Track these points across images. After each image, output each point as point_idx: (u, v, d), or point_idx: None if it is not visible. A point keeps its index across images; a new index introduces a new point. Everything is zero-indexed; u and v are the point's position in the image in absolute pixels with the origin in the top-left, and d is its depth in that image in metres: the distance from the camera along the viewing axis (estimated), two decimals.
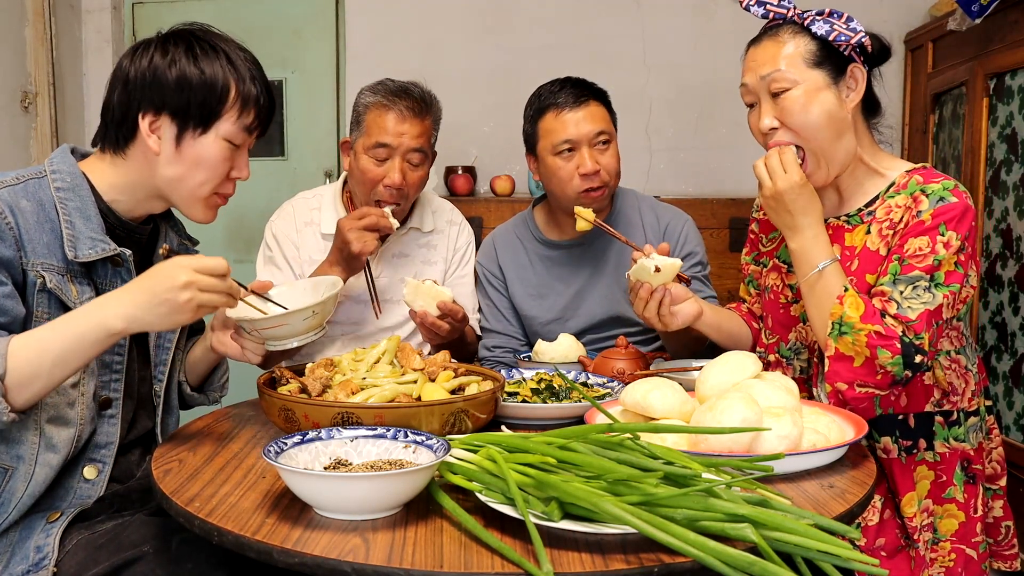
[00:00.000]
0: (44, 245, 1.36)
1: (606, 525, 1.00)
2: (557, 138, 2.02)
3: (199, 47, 1.43)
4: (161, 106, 1.40)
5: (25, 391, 1.25)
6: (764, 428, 1.21)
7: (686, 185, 3.66)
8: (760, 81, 1.57)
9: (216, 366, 1.64)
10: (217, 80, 1.41)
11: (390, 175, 1.99)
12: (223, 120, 1.42)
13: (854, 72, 1.56)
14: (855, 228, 1.61)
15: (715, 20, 3.64)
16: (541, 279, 2.18)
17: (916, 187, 1.56)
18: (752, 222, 1.88)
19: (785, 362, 1.73)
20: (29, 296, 1.34)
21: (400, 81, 2.05)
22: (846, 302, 1.49)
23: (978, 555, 1.60)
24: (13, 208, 1.34)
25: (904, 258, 1.51)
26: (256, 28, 3.76)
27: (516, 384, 1.64)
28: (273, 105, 1.51)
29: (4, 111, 3.39)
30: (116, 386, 1.45)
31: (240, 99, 1.43)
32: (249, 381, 1.63)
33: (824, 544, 0.95)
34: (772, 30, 1.60)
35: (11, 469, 1.34)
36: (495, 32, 3.69)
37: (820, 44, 1.55)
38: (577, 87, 2.05)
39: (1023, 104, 2.45)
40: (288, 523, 1.05)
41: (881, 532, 1.55)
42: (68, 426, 1.37)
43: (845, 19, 1.54)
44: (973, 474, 1.62)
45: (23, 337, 1.26)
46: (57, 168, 1.42)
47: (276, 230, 2.15)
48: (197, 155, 1.42)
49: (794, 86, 1.54)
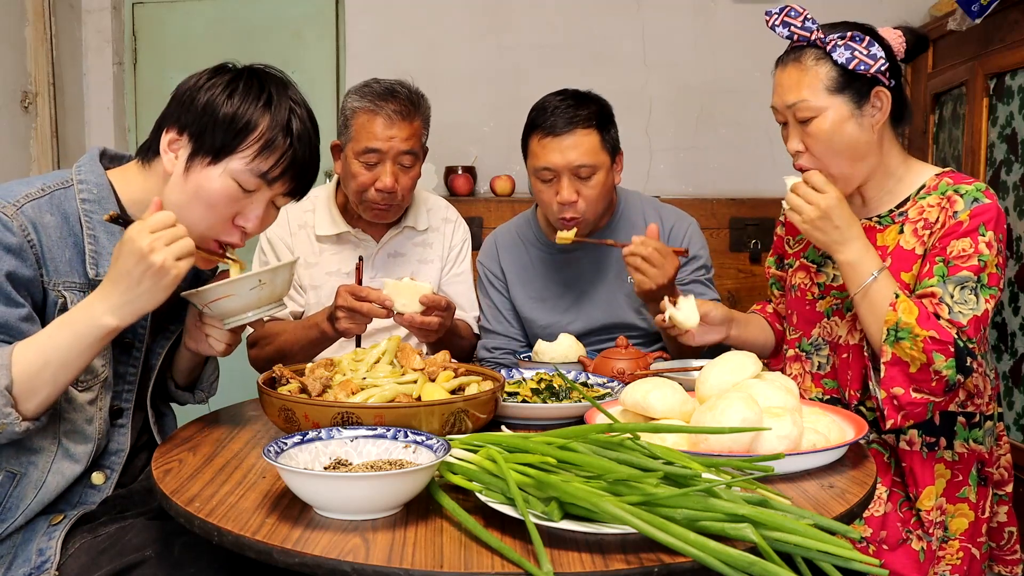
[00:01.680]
0: (66, 262, 1.34)
1: (606, 525, 1.00)
2: (538, 163, 2.00)
3: (245, 81, 1.38)
4: (184, 125, 1.37)
5: (33, 399, 1.25)
6: (764, 428, 1.21)
7: (686, 185, 3.66)
8: (787, 108, 1.61)
9: (206, 365, 1.62)
10: (244, 114, 1.35)
11: (381, 179, 1.99)
12: (236, 156, 1.35)
13: (879, 95, 1.59)
14: (886, 228, 1.65)
15: (715, 20, 3.64)
16: (542, 282, 2.17)
17: (948, 187, 1.59)
18: (777, 225, 1.90)
19: (804, 356, 1.75)
20: (50, 317, 1.33)
21: (386, 81, 2.02)
22: (899, 307, 1.50)
23: (980, 555, 1.62)
24: (37, 225, 1.32)
25: (948, 259, 1.53)
26: (256, 28, 3.76)
27: (516, 384, 1.64)
28: (309, 161, 1.41)
29: (4, 111, 3.39)
30: (128, 396, 1.45)
31: (263, 141, 1.36)
32: (249, 381, 1.63)
33: (824, 544, 0.95)
34: (796, 52, 1.62)
35: (20, 474, 1.33)
36: (495, 32, 3.69)
37: (842, 70, 1.57)
38: (571, 110, 1.98)
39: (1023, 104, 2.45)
40: (288, 523, 1.05)
41: (884, 524, 1.56)
42: (87, 442, 1.37)
43: (867, 43, 1.56)
44: (986, 476, 1.64)
45: (24, 346, 1.25)
46: (84, 178, 1.39)
47: (270, 234, 2.14)
48: (198, 185, 1.36)
49: (819, 114, 1.58)
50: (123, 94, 3.89)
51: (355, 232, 2.13)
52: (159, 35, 3.86)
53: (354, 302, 1.79)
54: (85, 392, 1.36)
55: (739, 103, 3.63)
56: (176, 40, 3.79)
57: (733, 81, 3.64)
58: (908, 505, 1.60)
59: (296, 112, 1.40)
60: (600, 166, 1.99)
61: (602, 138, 2.00)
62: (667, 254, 1.83)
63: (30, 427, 1.25)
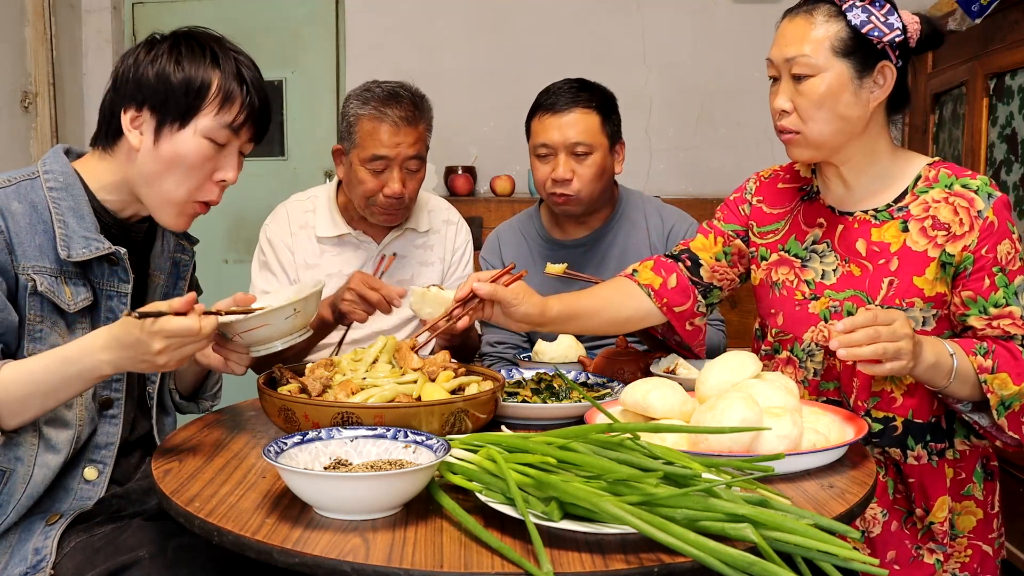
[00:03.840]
0: (36, 247, 1.35)
1: (606, 525, 1.00)
2: (537, 140, 2.04)
3: (185, 45, 1.41)
4: (142, 101, 1.38)
5: (16, 419, 1.28)
6: (764, 428, 1.21)
7: (686, 185, 3.66)
8: (784, 62, 1.52)
9: (208, 374, 1.63)
10: (197, 75, 1.38)
11: (389, 185, 1.98)
12: (202, 116, 1.38)
13: (883, 70, 1.50)
14: (884, 224, 1.56)
15: (715, 20, 3.64)
16: (545, 278, 2.18)
17: (951, 180, 1.53)
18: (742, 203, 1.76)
19: (798, 362, 1.62)
20: (21, 300, 1.34)
21: (388, 84, 2.01)
22: (994, 386, 1.46)
23: (993, 551, 1.58)
24: (4, 211, 1.33)
25: (1003, 267, 1.49)
26: (256, 28, 3.76)
27: (516, 384, 1.64)
28: (265, 105, 1.46)
29: (4, 111, 3.39)
30: (117, 386, 1.45)
31: (221, 94, 1.39)
32: (249, 381, 1.63)
33: (824, 544, 0.95)
34: (810, 4, 1.52)
35: (9, 471, 1.33)
36: (495, 32, 3.69)
37: (853, 32, 1.48)
38: (573, 91, 2.03)
39: (1023, 104, 2.45)
40: (288, 523, 1.05)
41: (889, 544, 1.53)
42: (67, 428, 1.37)
43: (886, 11, 1.48)
44: (991, 471, 1.61)
45: (15, 368, 1.26)
46: (50, 168, 1.41)
47: (270, 234, 2.14)
48: (174, 151, 1.38)
49: (816, 73, 1.48)
50: None
51: (356, 234, 2.13)
52: None
53: (365, 289, 1.80)
54: None
55: (739, 103, 3.63)
56: None
57: (733, 81, 3.64)
58: (912, 520, 1.57)
59: (242, 61, 1.43)
60: (597, 147, 2.02)
61: (602, 121, 2.03)
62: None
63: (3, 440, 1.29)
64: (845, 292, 1.57)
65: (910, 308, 1.53)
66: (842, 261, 1.58)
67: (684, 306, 1.71)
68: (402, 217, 2.11)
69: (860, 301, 1.56)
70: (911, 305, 1.53)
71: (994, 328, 1.50)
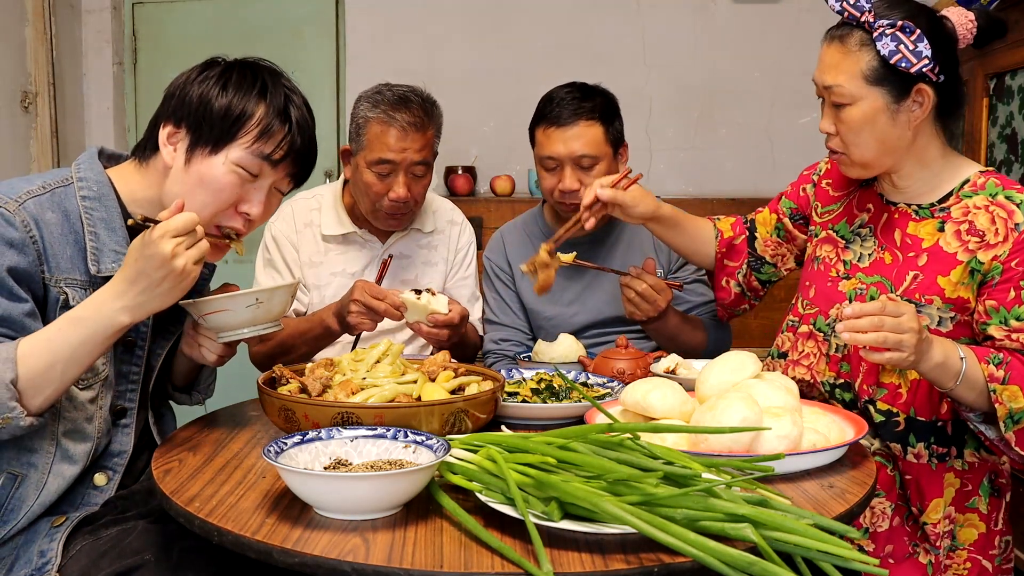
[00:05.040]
0: (68, 259, 1.35)
1: (606, 525, 1.00)
2: (543, 152, 2.07)
3: (238, 72, 1.41)
4: (181, 119, 1.39)
5: (40, 395, 1.25)
6: (764, 428, 1.21)
7: (686, 185, 3.66)
8: (824, 88, 1.57)
9: (202, 368, 1.62)
10: (239, 104, 1.38)
11: (395, 189, 1.98)
12: (236, 145, 1.38)
13: (920, 92, 1.51)
14: (923, 220, 1.59)
15: (715, 20, 3.64)
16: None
17: (997, 190, 1.54)
18: (806, 182, 1.83)
19: (822, 336, 1.67)
20: (51, 313, 1.33)
21: (399, 88, 2.01)
22: (1003, 397, 1.46)
23: (993, 567, 1.59)
24: (39, 221, 1.32)
25: None
26: (256, 28, 3.76)
27: (516, 384, 1.64)
28: (308, 146, 1.44)
29: (4, 111, 3.39)
30: (132, 396, 1.45)
31: (261, 126, 1.38)
32: (249, 381, 1.63)
33: (824, 544, 0.95)
34: (843, 30, 1.54)
35: (21, 476, 1.32)
36: (495, 32, 3.69)
37: (883, 61, 1.50)
38: (576, 102, 2.03)
39: (1023, 104, 2.45)
40: (288, 523, 1.05)
41: (890, 539, 1.53)
42: (86, 440, 1.37)
43: (915, 37, 1.48)
44: (999, 487, 1.61)
45: (31, 341, 1.25)
46: (84, 175, 1.40)
47: (275, 232, 2.14)
48: (201, 175, 1.38)
49: (853, 102, 1.52)
50: (123, 94, 3.90)
51: (361, 233, 2.13)
52: (159, 35, 3.85)
53: (371, 300, 1.81)
54: (86, 390, 1.36)
55: (739, 103, 3.63)
56: (176, 40, 3.78)
57: (733, 81, 3.64)
58: (913, 519, 1.57)
59: (292, 99, 1.44)
60: (602, 157, 2.05)
61: (605, 130, 2.05)
62: (661, 290, 1.90)
63: (34, 423, 1.25)
64: (873, 277, 1.61)
65: (928, 305, 1.54)
66: (879, 247, 1.63)
67: (733, 263, 1.92)
68: (407, 222, 2.11)
69: (884, 288, 1.59)
70: (930, 302, 1.54)
71: (1013, 341, 1.50)
